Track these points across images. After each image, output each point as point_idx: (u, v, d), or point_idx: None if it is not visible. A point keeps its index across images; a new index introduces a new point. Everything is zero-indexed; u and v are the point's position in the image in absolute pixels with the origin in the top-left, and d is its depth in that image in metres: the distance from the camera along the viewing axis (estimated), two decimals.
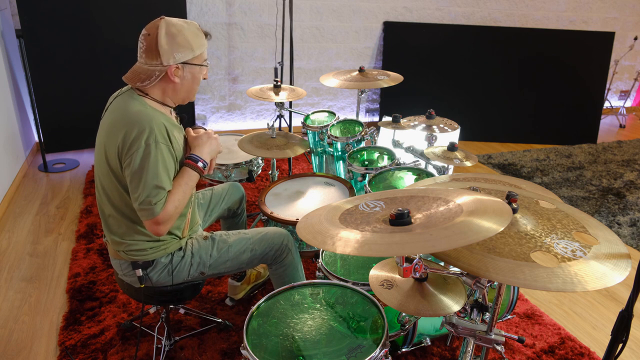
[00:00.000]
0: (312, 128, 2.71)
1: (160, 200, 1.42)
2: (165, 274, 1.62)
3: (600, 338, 2.11)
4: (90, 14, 3.47)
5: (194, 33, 1.48)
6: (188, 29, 1.47)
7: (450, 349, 1.94)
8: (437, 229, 0.98)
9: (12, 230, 2.78)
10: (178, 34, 1.44)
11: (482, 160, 4.25)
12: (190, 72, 1.51)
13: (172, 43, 1.43)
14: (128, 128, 1.41)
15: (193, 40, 1.47)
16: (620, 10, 5.48)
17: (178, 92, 1.54)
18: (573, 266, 1.00)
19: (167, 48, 1.43)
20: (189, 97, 1.59)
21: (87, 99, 3.62)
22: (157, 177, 1.41)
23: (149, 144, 1.40)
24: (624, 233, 3.01)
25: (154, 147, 1.41)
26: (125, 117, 1.43)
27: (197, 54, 1.49)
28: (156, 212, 1.41)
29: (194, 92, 1.59)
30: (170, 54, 1.44)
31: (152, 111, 1.47)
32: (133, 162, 1.40)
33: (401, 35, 4.70)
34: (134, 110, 1.44)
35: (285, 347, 1.22)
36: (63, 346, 1.91)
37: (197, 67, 1.52)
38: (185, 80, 1.52)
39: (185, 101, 1.59)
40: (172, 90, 1.53)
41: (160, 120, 1.45)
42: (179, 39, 1.44)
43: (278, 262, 1.77)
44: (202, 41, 1.51)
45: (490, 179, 1.49)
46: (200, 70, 1.54)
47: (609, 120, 5.74)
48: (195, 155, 1.54)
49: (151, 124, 1.41)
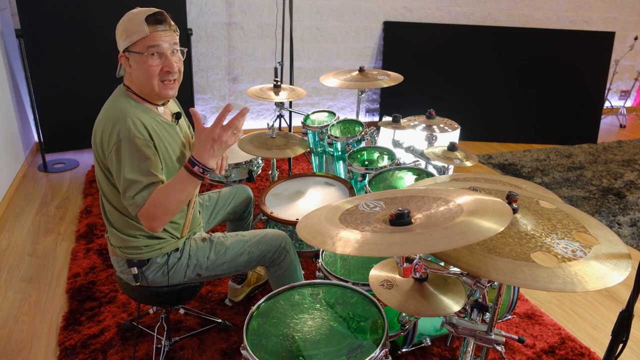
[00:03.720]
0: (312, 128, 2.71)
1: (138, 194, 1.40)
2: (161, 274, 1.62)
3: (601, 338, 2.11)
4: (90, 14, 3.47)
5: (134, 20, 1.42)
6: (130, 17, 1.44)
7: (451, 349, 1.94)
8: (437, 229, 0.98)
9: (11, 230, 2.78)
10: (122, 22, 1.45)
11: (482, 160, 4.25)
12: (136, 61, 1.44)
13: (117, 31, 1.46)
14: (105, 123, 1.43)
15: (129, 27, 1.42)
16: (620, 10, 5.48)
17: (137, 83, 1.48)
18: (573, 266, 0.99)
19: (117, 36, 1.46)
20: (150, 90, 1.48)
21: (87, 99, 3.62)
22: (131, 171, 1.40)
23: (120, 138, 1.39)
24: (624, 233, 3.01)
25: (127, 141, 1.39)
26: (107, 113, 1.46)
27: (133, 40, 1.41)
28: (137, 205, 1.40)
29: (150, 85, 1.46)
30: (118, 41, 1.46)
31: (134, 106, 1.46)
32: (112, 158, 1.41)
33: (401, 35, 4.70)
34: (115, 106, 1.46)
35: (285, 347, 1.22)
36: (63, 346, 1.91)
37: (137, 55, 1.43)
38: (134, 70, 1.46)
39: (153, 96, 1.51)
40: (134, 81, 1.49)
41: (139, 115, 1.44)
42: (121, 27, 1.45)
43: (276, 264, 1.76)
44: (138, 28, 1.40)
45: (491, 179, 1.49)
46: (143, 59, 1.42)
47: (609, 120, 5.74)
48: (194, 158, 1.39)
49: (125, 119, 1.40)
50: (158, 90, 1.48)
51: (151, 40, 1.42)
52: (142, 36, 1.41)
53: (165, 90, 1.49)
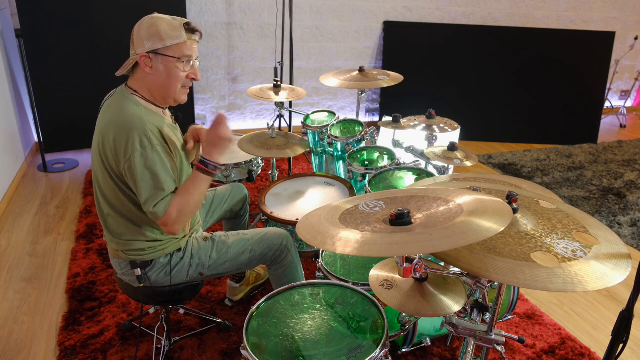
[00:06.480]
0: (312, 128, 2.71)
1: (161, 201, 1.42)
2: (164, 274, 1.62)
3: (601, 338, 2.11)
4: (90, 14, 3.47)
5: (172, 25, 1.43)
6: (167, 22, 1.44)
7: (451, 349, 1.94)
8: (437, 229, 0.98)
9: (11, 231, 2.78)
10: (154, 25, 1.43)
11: (482, 160, 4.25)
12: (163, 64, 1.45)
13: (146, 32, 1.43)
14: (121, 130, 1.40)
15: (167, 31, 1.42)
16: (620, 10, 5.48)
17: (154, 85, 1.49)
18: (573, 266, 0.99)
19: (141, 36, 1.44)
20: (169, 94, 1.51)
21: (87, 99, 3.61)
22: (157, 180, 1.41)
23: (144, 146, 1.40)
24: (624, 233, 3.01)
25: (150, 150, 1.40)
26: (118, 119, 1.43)
27: (167, 44, 1.42)
28: (159, 214, 1.42)
29: (173, 90, 1.50)
30: (142, 42, 1.44)
31: (146, 112, 1.46)
32: (133, 166, 1.40)
33: (401, 35, 4.70)
34: (127, 112, 1.43)
35: (285, 348, 1.22)
36: (63, 346, 1.91)
37: (170, 59, 1.45)
38: (159, 73, 1.47)
39: (168, 100, 1.53)
40: (150, 83, 1.49)
41: (153, 121, 1.44)
42: (152, 29, 1.43)
43: (277, 262, 1.76)
44: (177, 33, 1.43)
45: (491, 179, 1.49)
46: (176, 64, 1.46)
47: (610, 120, 5.74)
48: (205, 158, 1.50)
49: (144, 126, 1.41)
50: (177, 95, 1.53)
51: (187, 48, 1.47)
52: (180, 42, 1.45)
53: (183, 95, 1.56)
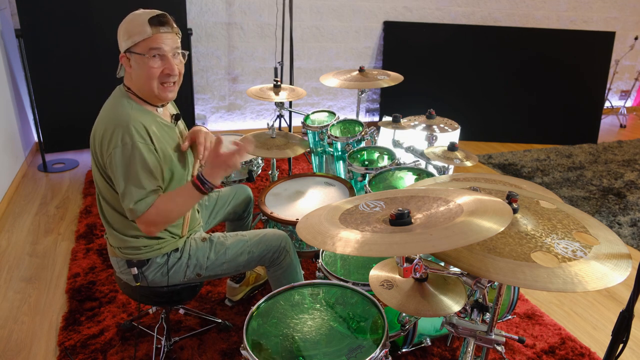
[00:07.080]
0: (312, 128, 2.71)
1: (141, 200, 1.42)
2: (161, 274, 1.61)
3: (601, 338, 2.10)
4: (90, 14, 3.46)
5: (136, 22, 1.42)
6: (132, 18, 1.44)
7: (451, 350, 1.94)
8: (437, 229, 0.98)
9: (11, 231, 2.77)
10: (124, 23, 1.45)
11: (482, 160, 4.25)
12: (137, 62, 1.44)
13: (119, 31, 1.46)
14: (106, 125, 1.42)
15: (131, 28, 1.41)
16: (620, 10, 5.48)
17: (137, 84, 1.48)
18: (573, 266, 0.99)
19: (119, 36, 1.46)
20: (149, 90, 1.47)
21: (87, 99, 3.61)
22: (135, 177, 1.41)
23: (125, 143, 1.40)
24: (624, 233, 3.01)
25: (131, 147, 1.40)
26: (107, 115, 1.46)
27: (135, 41, 1.41)
28: (138, 211, 1.42)
29: (150, 87, 1.46)
30: (120, 42, 1.46)
31: (136, 110, 1.46)
32: (113, 162, 1.41)
33: (401, 35, 4.70)
34: (117, 109, 1.45)
35: (285, 348, 1.22)
36: (62, 346, 1.91)
37: (139, 56, 1.42)
38: (136, 71, 1.45)
39: (152, 98, 1.50)
40: (134, 82, 1.49)
41: (141, 119, 1.44)
42: (121, 28, 1.45)
43: (276, 264, 1.76)
44: (140, 29, 1.40)
45: (491, 179, 1.49)
46: (145, 61, 1.42)
47: (610, 120, 5.73)
48: (204, 177, 1.45)
49: (128, 123, 1.41)
50: (157, 93, 1.48)
51: (153, 42, 1.42)
52: (144, 37, 1.41)
53: (165, 92, 1.49)
